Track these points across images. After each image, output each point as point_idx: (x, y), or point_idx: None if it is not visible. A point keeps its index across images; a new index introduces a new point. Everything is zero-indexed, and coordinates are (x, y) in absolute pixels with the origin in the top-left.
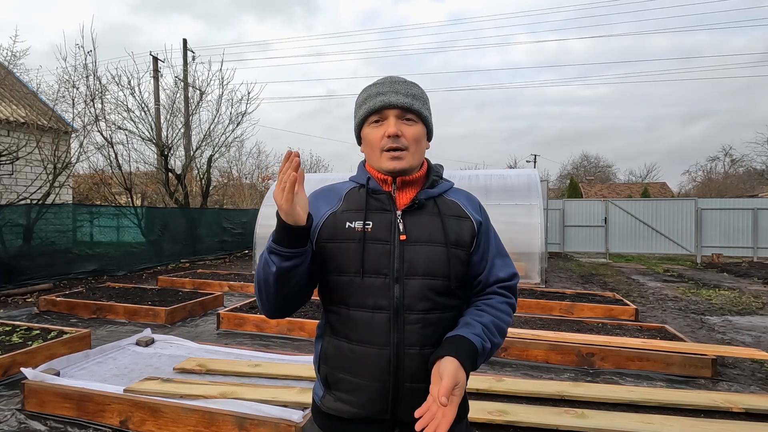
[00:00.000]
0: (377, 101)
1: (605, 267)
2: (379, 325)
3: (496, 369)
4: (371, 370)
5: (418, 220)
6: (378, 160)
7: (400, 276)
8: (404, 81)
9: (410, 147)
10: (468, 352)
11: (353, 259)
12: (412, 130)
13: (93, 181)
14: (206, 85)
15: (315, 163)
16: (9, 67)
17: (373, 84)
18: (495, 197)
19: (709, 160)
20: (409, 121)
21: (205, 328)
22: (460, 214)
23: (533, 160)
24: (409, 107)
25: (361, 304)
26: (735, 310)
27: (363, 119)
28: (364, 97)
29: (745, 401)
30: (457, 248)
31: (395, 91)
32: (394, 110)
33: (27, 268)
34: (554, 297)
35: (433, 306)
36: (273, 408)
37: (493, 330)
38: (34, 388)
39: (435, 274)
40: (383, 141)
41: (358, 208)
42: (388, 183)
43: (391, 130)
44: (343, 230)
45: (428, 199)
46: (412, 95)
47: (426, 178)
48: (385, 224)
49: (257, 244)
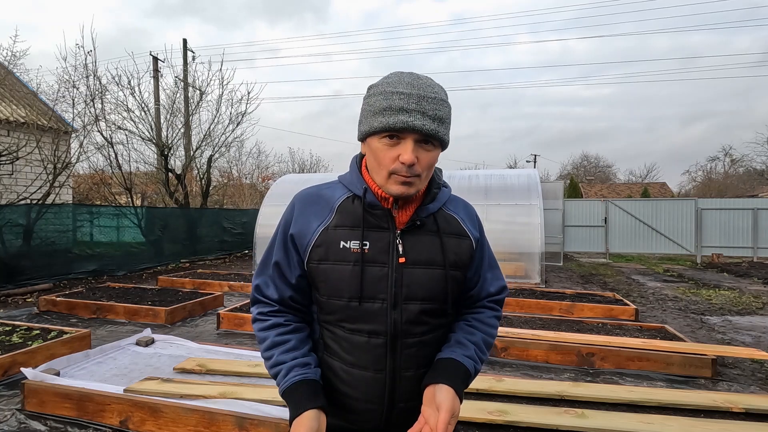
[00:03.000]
0: (399, 120)
1: (605, 267)
2: (375, 349)
3: (496, 369)
4: (366, 393)
5: (418, 241)
6: (383, 180)
7: (398, 301)
8: (433, 97)
9: (423, 173)
10: (462, 377)
11: (349, 283)
12: (429, 157)
13: (93, 181)
14: (206, 85)
15: (315, 163)
16: (9, 67)
17: (395, 90)
18: (495, 197)
19: (709, 160)
20: (429, 146)
21: (205, 328)
22: (459, 232)
23: (533, 160)
24: (434, 135)
25: (357, 329)
26: (735, 310)
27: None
28: (383, 106)
29: (745, 401)
30: (455, 270)
31: (422, 112)
32: (415, 134)
33: (27, 268)
34: (554, 297)
35: (430, 329)
36: (273, 408)
37: (483, 348)
38: (34, 388)
39: (433, 299)
40: (395, 165)
41: (353, 224)
42: (389, 200)
43: (407, 158)
44: (337, 250)
45: (427, 216)
46: (440, 119)
47: (426, 193)
48: (383, 245)
49: (257, 244)
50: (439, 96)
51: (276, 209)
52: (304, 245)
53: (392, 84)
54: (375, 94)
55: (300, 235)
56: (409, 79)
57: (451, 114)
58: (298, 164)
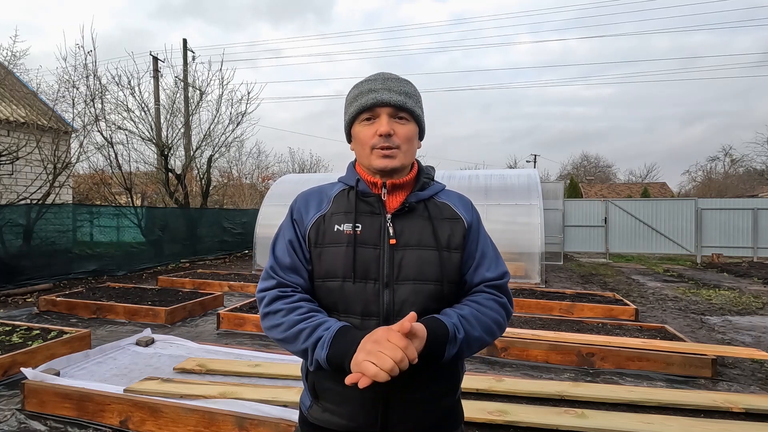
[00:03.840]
0: (369, 98)
1: (605, 267)
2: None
3: (496, 369)
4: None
5: (408, 224)
6: (368, 159)
7: (390, 281)
8: (397, 78)
9: (402, 146)
10: (439, 329)
11: (342, 263)
12: (405, 129)
13: (93, 181)
14: (206, 85)
15: (315, 163)
16: (9, 67)
17: (365, 80)
18: (495, 197)
19: (709, 160)
20: (402, 119)
21: (205, 328)
22: (451, 215)
23: (533, 160)
24: (402, 105)
25: (351, 311)
26: (735, 310)
27: (354, 117)
28: (355, 94)
29: (745, 401)
30: (449, 251)
31: (388, 89)
32: (386, 108)
33: (27, 268)
34: (554, 297)
35: (425, 311)
36: (273, 408)
37: (472, 322)
38: (34, 388)
39: (427, 279)
40: (374, 139)
41: (346, 210)
42: (377, 186)
43: (383, 129)
44: (332, 233)
45: (418, 202)
46: (405, 93)
47: (416, 181)
48: (375, 228)
49: (257, 244)
50: (404, 79)
51: (276, 209)
52: (303, 231)
53: (362, 81)
54: (350, 92)
55: (300, 221)
56: (375, 74)
57: (418, 95)
58: (298, 164)
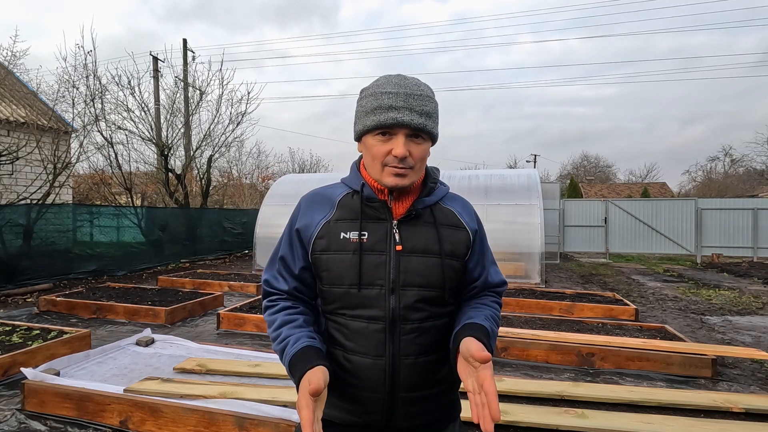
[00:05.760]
0: (388, 117)
1: (605, 267)
2: (374, 335)
3: (496, 369)
4: (367, 380)
5: (414, 230)
6: (379, 173)
7: (396, 287)
8: (419, 95)
9: (415, 166)
10: (482, 331)
11: (349, 271)
12: (420, 150)
13: (93, 181)
14: (206, 85)
15: (315, 163)
16: (9, 67)
17: (384, 92)
18: (495, 197)
19: (709, 160)
20: (419, 139)
21: (205, 328)
22: (456, 223)
23: (533, 161)
24: (422, 128)
25: (357, 315)
26: (735, 310)
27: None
28: (374, 106)
29: (745, 401)
30: (452, 259)
31: (409, 108)
32: (405, 129)
33: (27, 268)
34: (554, 297)
35: (428, 315)
36: (273, 408)
37: (493, 321)
38: (34, 388)
39: (430, 285)
40: (388, 158)
41: (352, 217)
42: (384, 192)
43: (399, 151)
44: (338, 241)
45: (424, 208)
46: (427, 114)
47: (423, 186)
48: (381, 234)
49: (257, 244)
50: (425, 93)
51: (276, 209)
52: (308, 238)
53: (381, 85)
54: (366, 96)
55: (304, 228)
56: (396, 80)
57: (437, 109)
58: (298, 164)
